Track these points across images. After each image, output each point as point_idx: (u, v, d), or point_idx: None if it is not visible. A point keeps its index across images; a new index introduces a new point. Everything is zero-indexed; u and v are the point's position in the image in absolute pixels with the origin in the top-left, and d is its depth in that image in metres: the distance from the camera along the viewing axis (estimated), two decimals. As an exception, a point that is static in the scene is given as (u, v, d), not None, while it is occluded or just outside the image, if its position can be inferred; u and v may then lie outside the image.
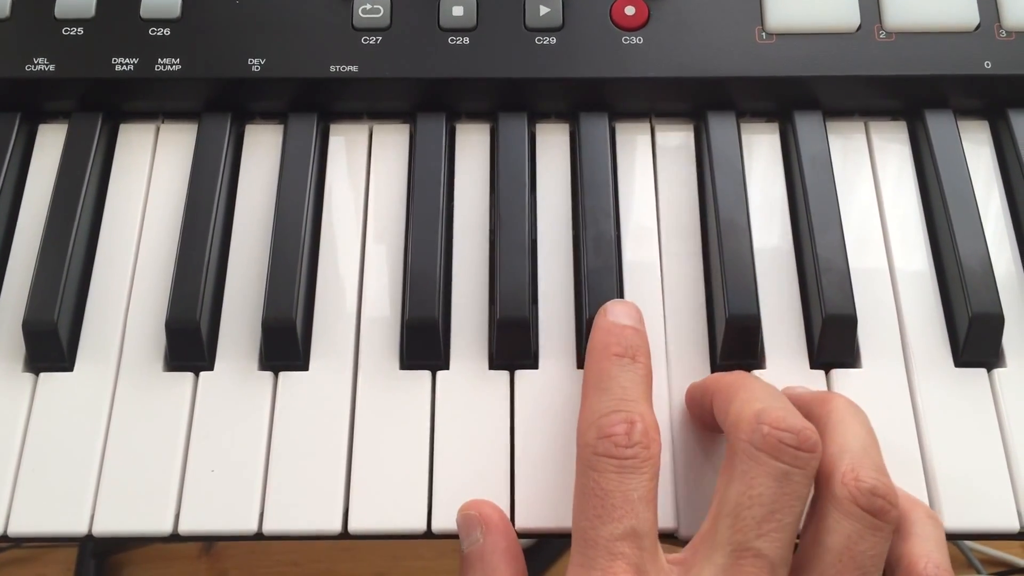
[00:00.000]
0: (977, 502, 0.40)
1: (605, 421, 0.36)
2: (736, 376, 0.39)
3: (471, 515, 0.39)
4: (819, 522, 0.35)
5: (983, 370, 0.43)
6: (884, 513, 0.34)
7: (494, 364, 0.43)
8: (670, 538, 0.40)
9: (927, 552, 0.36)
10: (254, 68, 0.47)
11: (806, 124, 0.47)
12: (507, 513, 0.40)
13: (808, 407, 0.38)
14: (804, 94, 0.48)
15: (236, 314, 0.44)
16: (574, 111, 0.48)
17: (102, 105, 0.48)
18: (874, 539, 0.34)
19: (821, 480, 0.35)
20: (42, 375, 0.43)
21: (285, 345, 0.42)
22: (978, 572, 0.90)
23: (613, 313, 0.40)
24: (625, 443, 0.35)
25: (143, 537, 0.40)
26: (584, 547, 0.34)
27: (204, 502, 0.40)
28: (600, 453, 0.35)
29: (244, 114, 0.49)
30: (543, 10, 0.48)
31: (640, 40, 0.47)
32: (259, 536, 0.40)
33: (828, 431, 0.36)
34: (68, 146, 0.47)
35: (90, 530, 0.40)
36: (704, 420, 0.41)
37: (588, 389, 0.38)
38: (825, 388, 0.42)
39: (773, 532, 0.33)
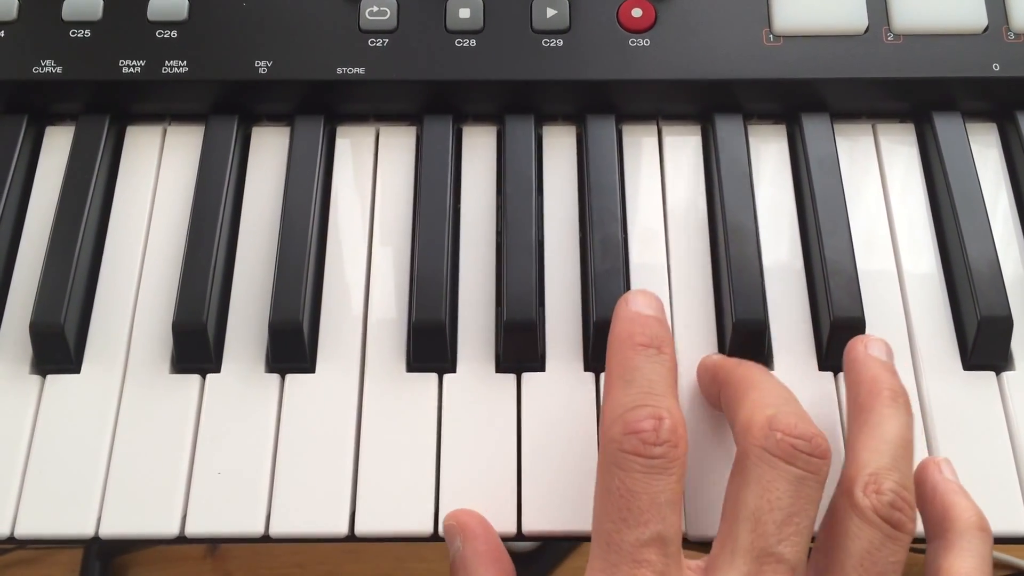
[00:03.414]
0: (986, 506, 0.39)
1: (632, 416, 0.34)
2: (747, 371, 0.38)
3: (450, 524, 0.39)
4: (840, 526, 0.34)
5: (992, 373, 0.43)
6: (902, 525, 0.34)
7: (501, 367, 0.43)
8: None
9: (967, 570, 0.35)
10: (261, 70, 0.47)
11: (814, 126, 0.47)
12: (515, 515, 0.40)
13: (856, 391, 0.38)
14: (812, 96, 0.47)
15: (243, 316, 0.44)
16: (581, 113, 0.48)
17: (109, 107, 0.48)
18: (893, 547, 0.34)
19: (845, 484, 0.35)
20: (49, 377, 0.43)
21: (292, 347, 0.42)
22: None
23: (635, 303, 0.39)
24: (653, 440, 0.34)
25: (149, 539, 0.40)
26: (606, 551, 0.34)
27: (211, 504, 0.40)
28: (627, 450, 0.34)
29: (251, 116, 0.49)
30: (550, 12, 0.47)
31: (647, 42, 0.47)
32: (266, 538, 0.40)
33: (863, 430, 0.36)
34: (75, 148, 0.47)
35: (96, 532, 0.40)
36: (711, 399, 0.41)
37: (612, 380, 0.37)
38: (833, 391, 0.42)
39: (793, 536, 0.33)
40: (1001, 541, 0.40)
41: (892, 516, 0.34)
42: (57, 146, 0.48)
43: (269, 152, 0.48)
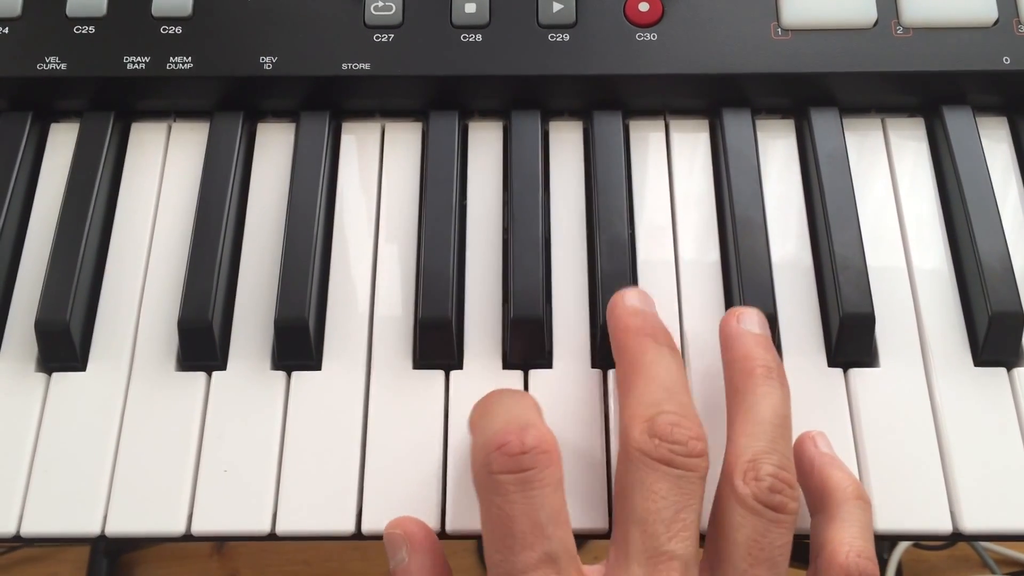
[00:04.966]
0: (997, 503, 0.40)
1: (495, 437, 0.34)
2: (638, 350, 0.37)
3: (395, 534, 0.38)
4: (725, 517, 0.35)
5: (1003, 369, 0.42)
6: (784, 507, 0.34)
7: (508, 364, 0.43)
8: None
9: (850, 539, 0.36)
10: (266, 66, 0.47)
11: (822, 121, 0.47)
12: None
13: (731, 370, 0.38)
14: (820, 91, 0.47)
15: (249, 314, 0.44)
16: (588, 109, 0.48)
17: (114, 104, 0.48)
18: (778, 531, 0.34)
19: (726, 472, 0.35)
20: (55, 375, 0.43)
21: (298, 345, 0.42)
22: (992, 572, 0.90)
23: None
24: (519, 449, 0.34)
25: (156, 537, 0.40)
26: None
27: (217, 502, 0.40)
28: (496, 471, 0.34)
29: (256, 112, 0.49)
30: (556, 6, 0.47)
31: (654, 36, 0.47)
32: (272, 537, 0.40)
33: (739, 414, 0.37)
34: (80, 145, 0.47)
35: (103, 530, 0.40)
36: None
37: (472, 424, 0.37)
38: (843, 387, 0.42)
39: (681, 532, 0.33)
40: (1010, 538, 0.40)
41: (772, 500, 0.34)
42: (62, 143, 0.48)
43: (274, 148, 0.48)
